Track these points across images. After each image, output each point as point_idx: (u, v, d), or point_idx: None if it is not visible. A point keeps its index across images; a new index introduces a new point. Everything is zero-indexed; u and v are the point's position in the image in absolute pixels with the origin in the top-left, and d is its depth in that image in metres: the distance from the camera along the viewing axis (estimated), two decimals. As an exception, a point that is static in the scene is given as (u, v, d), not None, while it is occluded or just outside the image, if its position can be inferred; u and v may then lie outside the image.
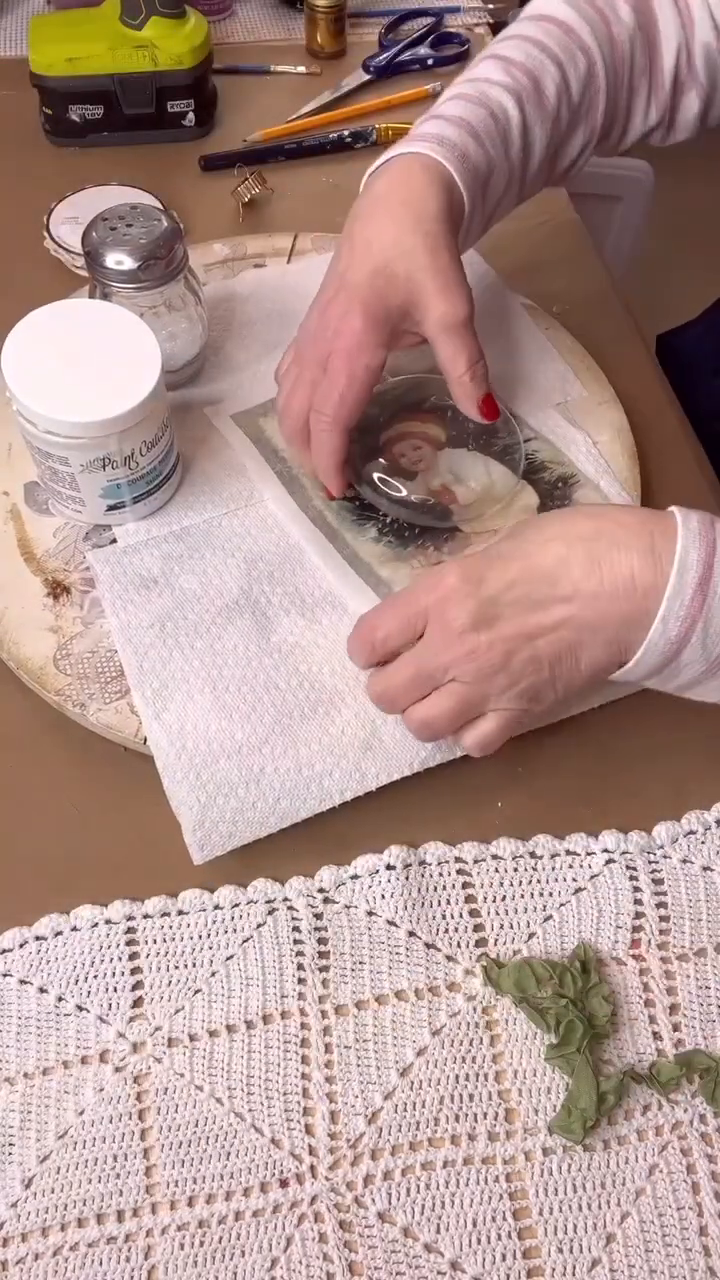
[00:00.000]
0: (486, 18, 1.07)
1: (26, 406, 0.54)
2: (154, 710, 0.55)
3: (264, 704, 0.56)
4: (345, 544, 0.62)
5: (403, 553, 0.62)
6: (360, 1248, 0.45)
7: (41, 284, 0.78)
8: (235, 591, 0.60)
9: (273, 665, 0.57)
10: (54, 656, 0.58)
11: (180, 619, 0.58)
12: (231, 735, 0.54)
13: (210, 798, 0.53)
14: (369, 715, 0.56)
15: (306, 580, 0.61)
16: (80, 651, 0.58)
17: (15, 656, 0.58)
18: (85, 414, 0.54)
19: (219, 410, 0.68)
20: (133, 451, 0.57)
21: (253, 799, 0.53)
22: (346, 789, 0.54)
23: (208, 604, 0.59)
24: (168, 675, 0.56)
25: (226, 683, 0.56)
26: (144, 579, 0.60)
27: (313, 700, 0.56)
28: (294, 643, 0.58)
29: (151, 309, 0.63)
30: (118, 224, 0.61)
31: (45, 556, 0.62)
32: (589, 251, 0.86)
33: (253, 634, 0.58)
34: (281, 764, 0.54)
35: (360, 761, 0.55)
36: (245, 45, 1.02)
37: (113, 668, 0.58)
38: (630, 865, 0.55)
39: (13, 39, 1.01)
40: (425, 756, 0.55)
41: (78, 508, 0.61)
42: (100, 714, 0.56)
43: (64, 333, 0.57)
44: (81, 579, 0.61)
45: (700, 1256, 0.45)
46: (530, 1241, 0.46)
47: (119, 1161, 0.47)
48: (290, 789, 0.54)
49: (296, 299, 0.74)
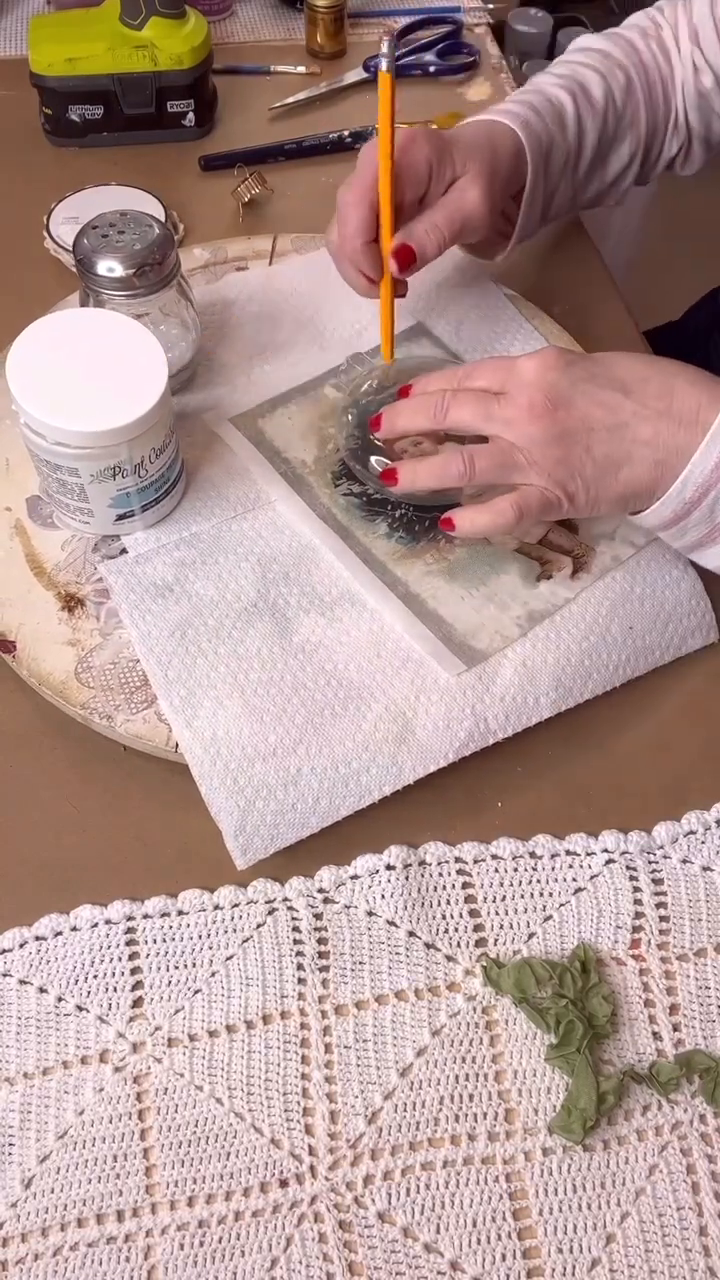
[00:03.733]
0: (486, 18, 1.07)
1: (35, 419, 0.54)
2: (184, 718, 0.55)
3: (294, 705, 0.56)
4: (357, 541, 0.62)
5: (414, 548, 0.62)
6: (360, 1248, 0.45)
7: (41, 284, 0.78)
8: (252, 594, 0.60)
9: (298, 666, 0.57)
10: (75, 670, 0.57)
11: (200, 625, 0.58)
12: (265, 738, 0.54)
13: (249, 802, 0.53)
14: (399, 709, 0.56)
15: (322, 579, 0.61)
16: (101, 663, 0.58)
17: (36, 673, 0.57)
18: (95, 423, 0.54)
19: (217, 415, 0.68)
20: (142, 459, 0.57)
21: (292, 800, 0.53)
22: (385, 783, 0.54)
23: (225, 608, 0.59)
24: (193, 682, 0.56)
25: (254, 686, 0.56)
26: (158, 587, 0.60)
27: (342, 698, 0.56)
28: (316, 642, 0.58)
29: (144, 316, 0.63)
30: (109, 231, 0.61)
31: (55, 570, 0.61)
32: (589, 251, 0.86)
33: (274, 636, 0.58)
34: (318, 763, 0.54)
35: (396, 755, 0.55)
36: (245, 45, 1.02)
37: (136, 677, 0.57)
38: (630, 865, 0.55)
39: (13, 39, 1.01)
40: (459, 745, 0.55)
41: (86, 519, 0.60)
42: (129, 724, 0.56)
43: (65, 343, 0.57)
44: (95, 590, 0.61)
45: (700, 1256, 0.45)
46: (530, 1241, 0.46)
47: (119, 1161, 0.47)
48: (329, 788, 0.54)
49: (282, 300, 0.75)
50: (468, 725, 0.56)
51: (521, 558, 0.62)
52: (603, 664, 0.59)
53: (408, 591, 0.60)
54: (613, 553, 0.62)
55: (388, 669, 0.57)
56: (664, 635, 0.61)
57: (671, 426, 0.51)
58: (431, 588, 0.61)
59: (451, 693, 0.56)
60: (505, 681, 0.57)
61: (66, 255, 0.79)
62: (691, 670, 0.62)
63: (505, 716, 0.57)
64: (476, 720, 0.56)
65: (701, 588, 0.62)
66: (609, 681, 0.59)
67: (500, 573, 0.61)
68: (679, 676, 0.62)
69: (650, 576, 0.62)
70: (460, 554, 0.62)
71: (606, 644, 0.59)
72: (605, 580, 0.61)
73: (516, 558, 0.62)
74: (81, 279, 0.62)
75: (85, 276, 0.61)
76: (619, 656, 0.59)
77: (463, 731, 0.56)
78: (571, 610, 0.60)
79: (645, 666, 0.60)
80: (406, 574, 0.61)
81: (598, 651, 0.59)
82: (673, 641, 0.61)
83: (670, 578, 0.62)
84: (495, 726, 0.56)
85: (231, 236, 0.81)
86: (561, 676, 0.58)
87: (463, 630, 0.59)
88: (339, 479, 0.65)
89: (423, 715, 0.56)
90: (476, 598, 0.60)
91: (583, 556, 0.62)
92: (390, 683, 0.57)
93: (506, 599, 0.60)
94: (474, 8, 1.06)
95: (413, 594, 0.60)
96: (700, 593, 0.62)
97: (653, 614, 0.61)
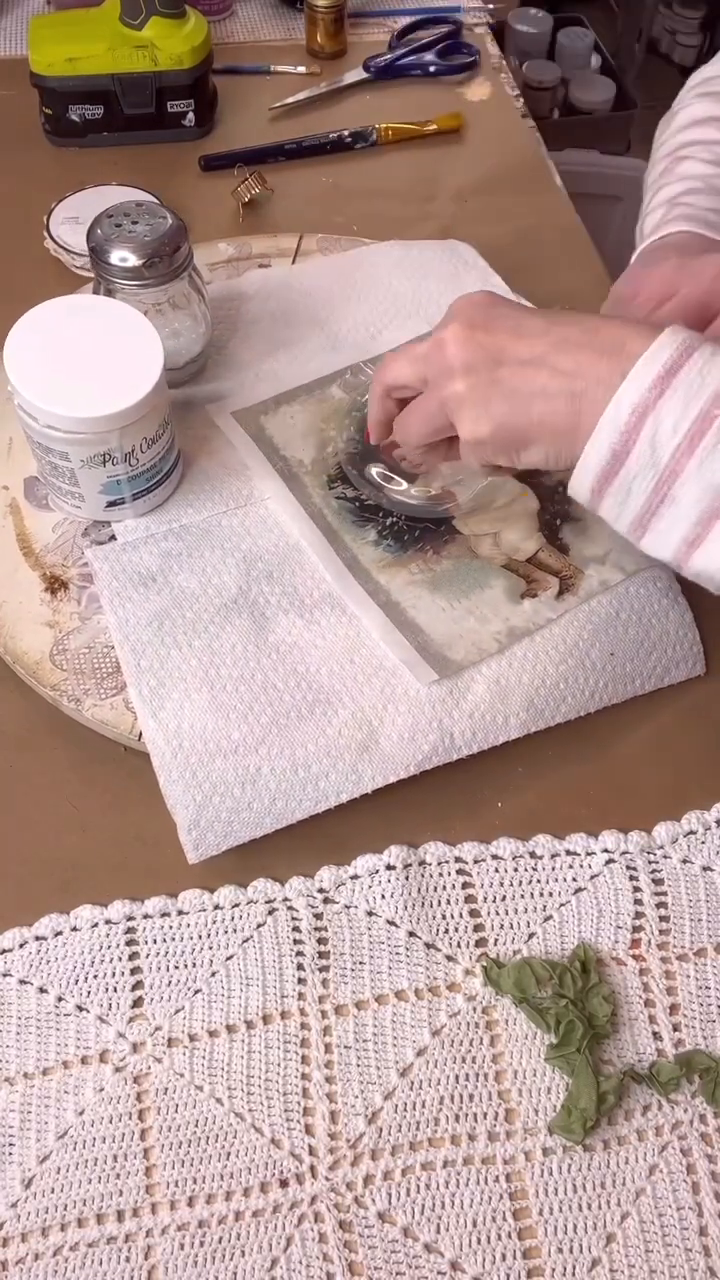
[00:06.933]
0: (486, 18, 1.07)
1: (28, 401, 0.54)
2: (150, 708, 0.55)
3: (261, 704, 0.56)
4: (345, 546, 0.62)
5: (402, 556, 0.62)
6: (360, 1248, 0.45)
7: (41, 284, 0.78)
8: (234, 590, 0.60)
9: (270, 665, 0.57)
10: (50, 651, 0.58)
11: (178, 617, 0.58)
12: (228, 735, 0.54)
13: (206, 797, 0.53)
14: (366, 716, 0.56)
15: (305, 580, 0.61)
16: (76, 647, 0.58)
17: (12, 650, 0.58)
18: (86, 409, 0.54)
19: (221, 408, 0.68)
20: (133, 448, 0.57)
21: (248, 799, 0.53)
22: (343, 790, 0.54)
23: (205, 602, 0.59)
24: (165, 673, 0.56)
25: (224, 682, 0.56)
26: (142, 576, 0.60)
27: (310, 700, 0.56)
28: (292, 642, 0.58)
29: (155, 306, 0.63)
30: (123, 221, 0.62)
31: (44, 551, 0.62)
32: (589, 251, 0.86)
33: (250, 633, 0.58)
34: (278, 764, 0.54)
35: (357, 763, 0.55)
36: (245, 45, 1.02)
37: (109, 663, 0.58)
38: (630, 865, 0.55)
39: (13, 39, 1.01)
40: (421, 759, 0.55)
41: (77, 503, 0.61)
42: (96, 709, 0.56)
43: (66, 328, 0.57)
44: (80, 574, 0.61)
45: (700, 1256, 0.45)
46: (530, 1241, 0.46)
47: (119, 1161, 0.47)
48: (286, 790, 0.54)
49: (301, 298, 0.75)
50: (433, 739, 0.55)
51: (508, 574, 0.61)
52: (578, 688, 0.58)
53: (389, 599, 0.60)
54: (601, 577, 0.61)
55: (359, 675, 0.57)
56: (646, 664, 0.60)
57: (593, 356, 0.47)
58: (413, 597, 0.60)
59: (420, 704, 0.56)
60: (476, 698, 0.56)
61: (66, 255, 0.79)
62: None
63: (473, 733, 0.56)
64: (442, 734, 0.55)
65: (691, 619, 0.61)
66: (584, 707, 0.58)
67: (484, 587, 0.60)
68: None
69: (638, 604, 0.60)
70: (446, 566, 0.62)
71: (585, 668, 0.58)
72: (591, 604, 0.60)
73: (503, 574, 0.61)
74: (94, 268, 0.62)
75: (98, 265, 0.62)
76: (596, 682, 0.58)
77: (427, 744, 0.55)
78: (553, 632, 0.59)
79: (624, 695, 0.59)
80: (390, 582, 0.61)
81: (575, 675, 0.58)
82: (655, 671, 0.60)
83: (659, 606, 0.61)
84: (461, 742, 0.56)
85: (231, 236, 0.81)
86: (534, 698, 0.57)
87: (439, 640, 0.58)
88: (334, 482, 0.65)
89: (389, 725, 0.55)
90: (457, 610, 0.59)
91: (571, 578, 0.61)
92: (360, 689, 0.56)
93: (488, 613, 0.59)
94: (474, 8, 1.06)
95: (393, 602, 0.60)
96: (689, 624, 0.61)
97: (636, 641, 0.60)
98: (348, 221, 0.85)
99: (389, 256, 0.78)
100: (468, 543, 0.63)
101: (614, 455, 0.46)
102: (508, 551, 0.62)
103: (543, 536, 0.63)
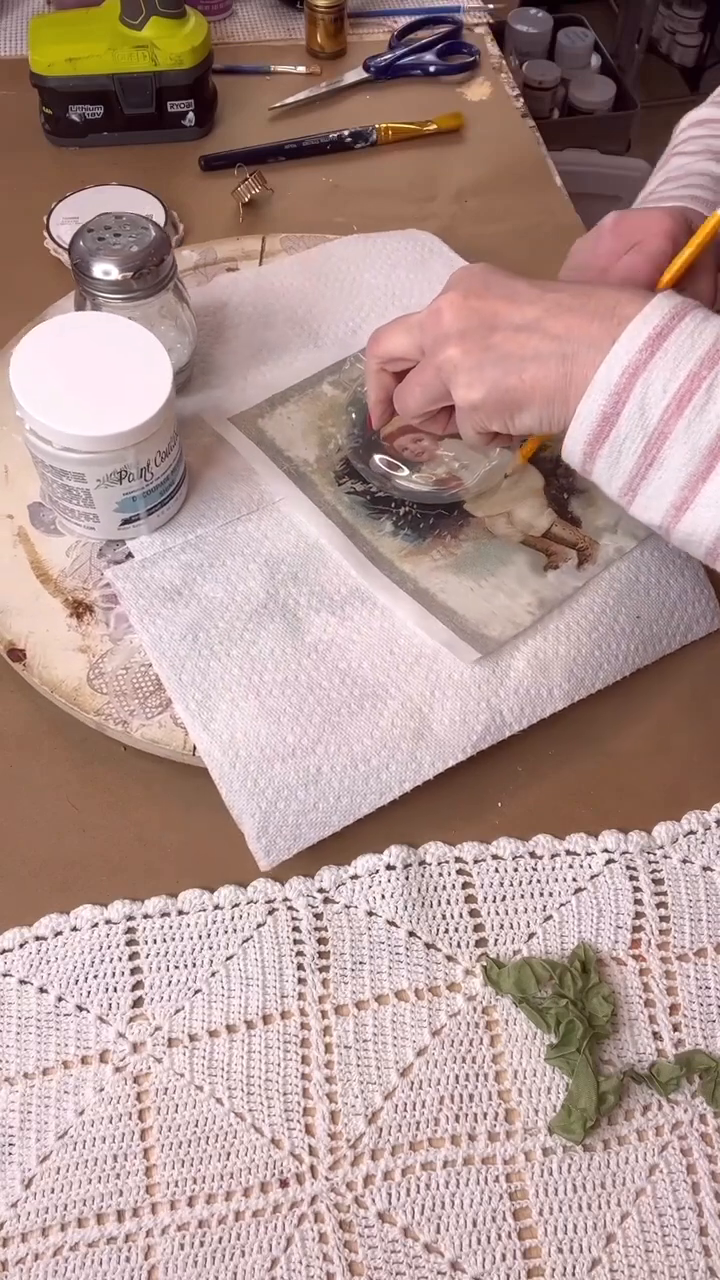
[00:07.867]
0: (486, 18, 1.07)
1: (42, 425, 0.53)
2: (201, 722, 0.55)
3: (310, 704, 0.56)
4: (364, 540, 0.62)
5: (421, 545, 0.63)
6: (360, 1248, 0.45)
7: (42, 284, 0.78)
8: (261, 595, 0.60)
9: (312, 665, 0.57)
10: (88, 676, 0.57)
11: (211, 627, 0.58)
12: (283, 739, 0.54)
13: (271, 803, 0.53)
14: (415, 705, 0.56)
15: (330, 578, 0.61)
16: (114, 669, 0.58)
17: (48, 680, 0.57)
18: (102, 427, 0.53)
19: (217, 415, 0.68)
20: (148, 462, 0.57)
21: (313, 799, 0.54)
22: (405, 779, 0.55)
23: (236, 610, 0.59)
24: (208, 685, 0.56)
25: (269, 687, 0.56)
26: (167, 591, 0.59)
27: (358, 695, 0.56)
28: (329, 640, 0.58)
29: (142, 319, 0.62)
30: (105, 234, 0.60)
31: (62, 576, 0.61)
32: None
33: (286, 636, 0.58)
34: (337, 762, 0.54)
35: (414, 751, 0.55)
36: (245, 45, 1.02)
37: (149, 682, 0.57)
38: (630, 865, 0.55)
39: (13, 39, 1.01)
40: (476, 739, 0.56)
41: (91, 524, 0.60)
42: (144, 729, 0.56)
43: (65, 349, 0.56)
44: (102, 596, 0.60)
45: (700, 1256, 0.45)
46: (530, 1241, 0.46)
47: (119, 1161, 0.47)
48: (350, 786, 0.54)
49: (275, 300, 0.75)
50: (484, 719, 0.56)
51: (528, 549, 0.62)
52: (613, 654, 0.59)
53: (417, 587, 0.60)
54: (616, 544, 0.62)
55: (401, 665, 0.57)
56: (670, 623, 0.61)
57: (585, 320, 0.47)
58: (440, 581, 0.61)
59: (467, 687, 0.57)
60: (519, 674, 0.57)
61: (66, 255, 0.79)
62: (691, 670, 0.62)
63: (520, 709, 0.57)
64: (492, 713, 0.56)
65: (704, 575, 0.63)
66: (619, 671, 0.60)
67: (507, 564, 0.62)
68: (678, 677, 0.62)
69: (654, 566, 0.62)
70: (467, 548, 0.62)
71: (615, 634, 0.60)
72: (611, 571, 0.62)
73: (523, 549, 0.62)
74: (77, 282, 0.61)
75: (81, 280, 0.61)
76: (628, 646, 0.60)
77: (479, 725, 0.56)
78: (579, 602, 0.60)
79: (653, 655, 0.61)
80: (414, 570, 0.61)
81: (607, 641, 0.59)
82: (679, 630, 0.62)
83: (674, 566, 0.62)
84: (510, 719, 0.57)
85: (230, 236, 0.81)
86: (573, 667, 0.58)
87: (475, 620, 0.59)
88: (342, 478, 0.65)
89: (439, 710, 0.56)
90: (486, 588, 0.60)
91: (587, 549, 0.62)
92: (405, 679, 0.57)
93: (516, 587, 0.60)
94: (474, 8, 1.06)
95: (422, 589, 0.60)
96: (703, 579, 0.63)
97: (659, 603, 0.61)
98: (348, 221, 0.85)
99: (354, 249, 0.79)
100: (483, 524, 0.63)
101: (604, 417, 0.46)
102: (522, 529, 0.63)
103: (553, 512, 0.64)
